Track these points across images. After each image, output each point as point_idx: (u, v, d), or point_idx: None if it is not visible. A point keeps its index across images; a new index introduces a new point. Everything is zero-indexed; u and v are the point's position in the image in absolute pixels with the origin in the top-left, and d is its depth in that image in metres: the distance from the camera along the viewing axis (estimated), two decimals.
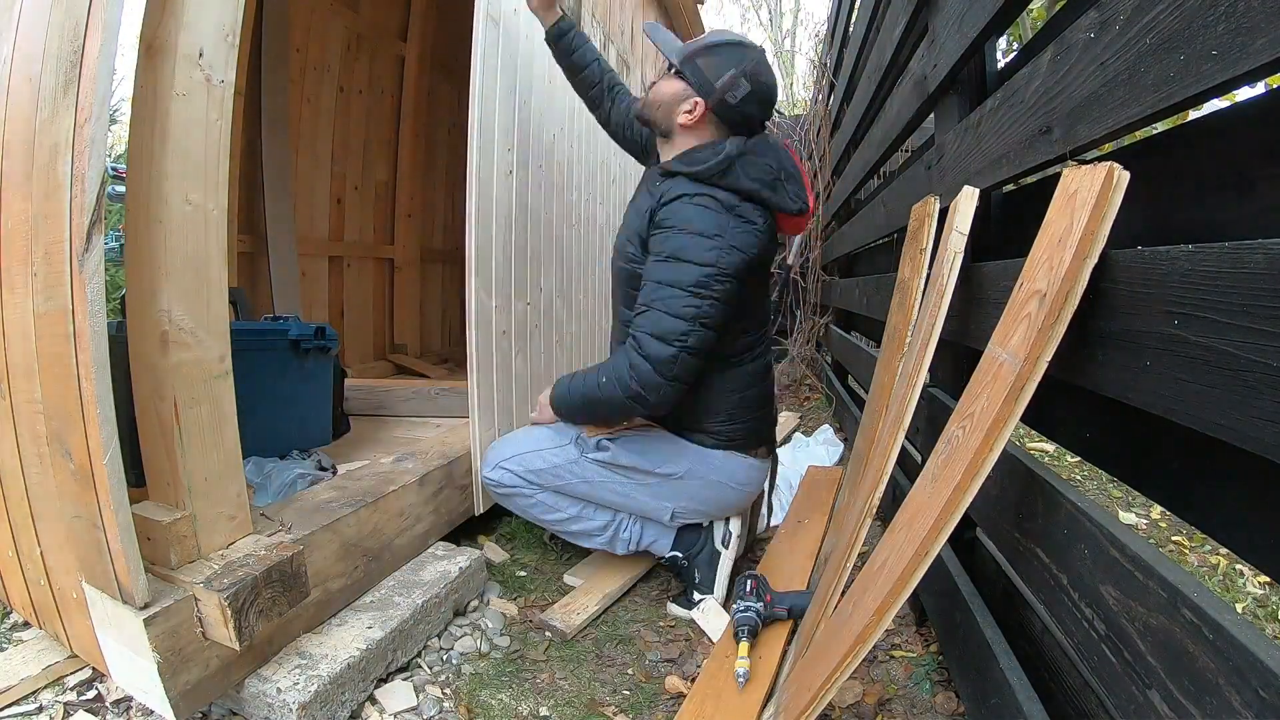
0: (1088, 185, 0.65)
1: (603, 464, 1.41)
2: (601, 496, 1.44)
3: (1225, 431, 0.50)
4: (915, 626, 1.32)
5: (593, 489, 1.43)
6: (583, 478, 1.42)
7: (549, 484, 1.43)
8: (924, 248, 1.19)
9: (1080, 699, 0.77)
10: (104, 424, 0.80)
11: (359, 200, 3.17)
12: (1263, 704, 0.42)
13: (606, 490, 1.43)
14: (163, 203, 0.88)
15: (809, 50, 7.04)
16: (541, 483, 1.43)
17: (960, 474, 0.69)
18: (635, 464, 1.41)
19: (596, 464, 1.42)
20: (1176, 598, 0.51)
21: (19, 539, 1.04)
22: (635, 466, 1.41)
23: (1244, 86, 0.53)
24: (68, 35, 0.80)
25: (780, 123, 4.74)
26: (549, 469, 1.42)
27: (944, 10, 1.25)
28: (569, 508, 1.45)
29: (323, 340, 1.59)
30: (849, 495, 1.41)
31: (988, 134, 1.02)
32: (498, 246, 1.63)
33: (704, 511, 1.46)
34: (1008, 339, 0.73)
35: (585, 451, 1.42)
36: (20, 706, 0.98)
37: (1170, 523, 2.09)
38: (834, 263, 3.51)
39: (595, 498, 1.45)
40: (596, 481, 1.42)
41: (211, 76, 0.91)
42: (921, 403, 1.25)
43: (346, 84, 3.00)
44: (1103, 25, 0.68)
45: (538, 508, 1.45)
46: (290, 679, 0.97)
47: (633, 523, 1.47)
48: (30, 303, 0.86)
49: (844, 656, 0.75)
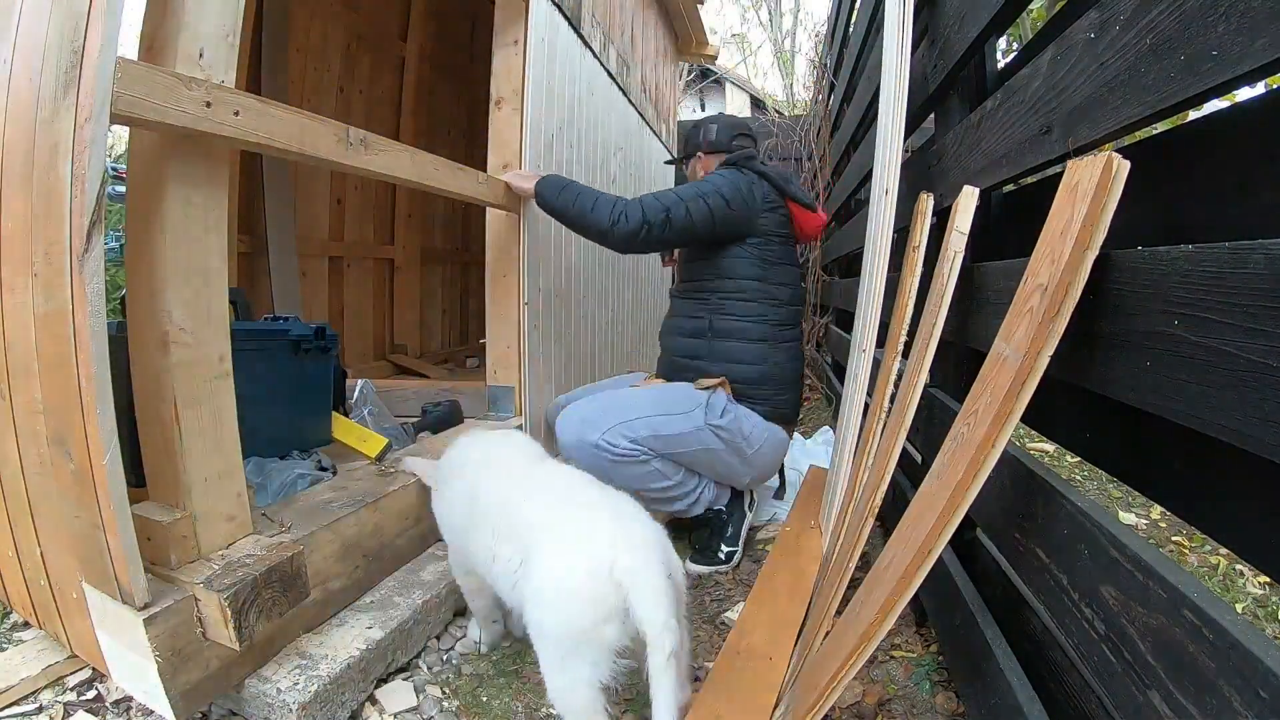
0: (1088, 176, 0.65)
1: (718, 430, 1.57)
2: (705, 464, 1.62)
3: (1225, 431, 0.50)
4: (915, 626, 1.32)
5: (709, 457, 1.60)
6: (704, 445, 1.58)
7: (665, 450, 1.54)
8: (917, 244, 1.19)
9: (1080, 699, 0.77)
10: (104, 424, 0.80)
11: (359, 200, 3.17)
12: (1263, 704, 0.42)
13: (713, 458, 1.60)
14: (163, 203, 0.88)
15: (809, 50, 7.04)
16: (661, 450, 1.53)
17: (963, 470, 0.69)
18: (747, 432, 1.61)
19: (714, 432, 1.57)
20: (1176, 598, 0.51)
21: (19, 539, 1.04)
22: (745, 434, 1.61)
23: (1244, 86, 0.53)
24: (68, 35, 0.80)
25: (780, 123, 4.74)
26: (675, 436, 1.54)
27: (944, 10, 1.25)
28: (675, 475, 1.59)
29: (322, 341, 1.59)
30: (851, 497, 1.40)
31: (988, 134, 1.02)
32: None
33: (757, 478, 1.75)
34: (1011, 335, 0.73)
35: (710, 417, 1.57)
36: (20, 706, 0.98)
37: (1170, 523, 2.09)
38: (834, 263, 3.51)
39: (699, 465, 1.62)
40: (712, 448, 1.58)
41: (212, 76, 0.91)
42: (921, 403, 1.25)
43: (346, 84, 3.00)
44: (1103, 25, 0.68)
45: (649, 476, 1.54)
46: (290, 679, 0.97)
47: (710, 487, 1.67)
48: (30, 303, 0.86)
49: (851, 653, 0.75)
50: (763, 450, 1.66)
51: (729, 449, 1.60)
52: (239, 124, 0.92)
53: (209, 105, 0.88)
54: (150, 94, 0.80)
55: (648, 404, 1.58)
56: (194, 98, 0.86)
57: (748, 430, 1.61)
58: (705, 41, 4.49)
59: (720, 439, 1.58)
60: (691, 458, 1.59)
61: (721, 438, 1.58)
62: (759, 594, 1.42)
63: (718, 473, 1.66)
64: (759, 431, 1.64)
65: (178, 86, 0.84)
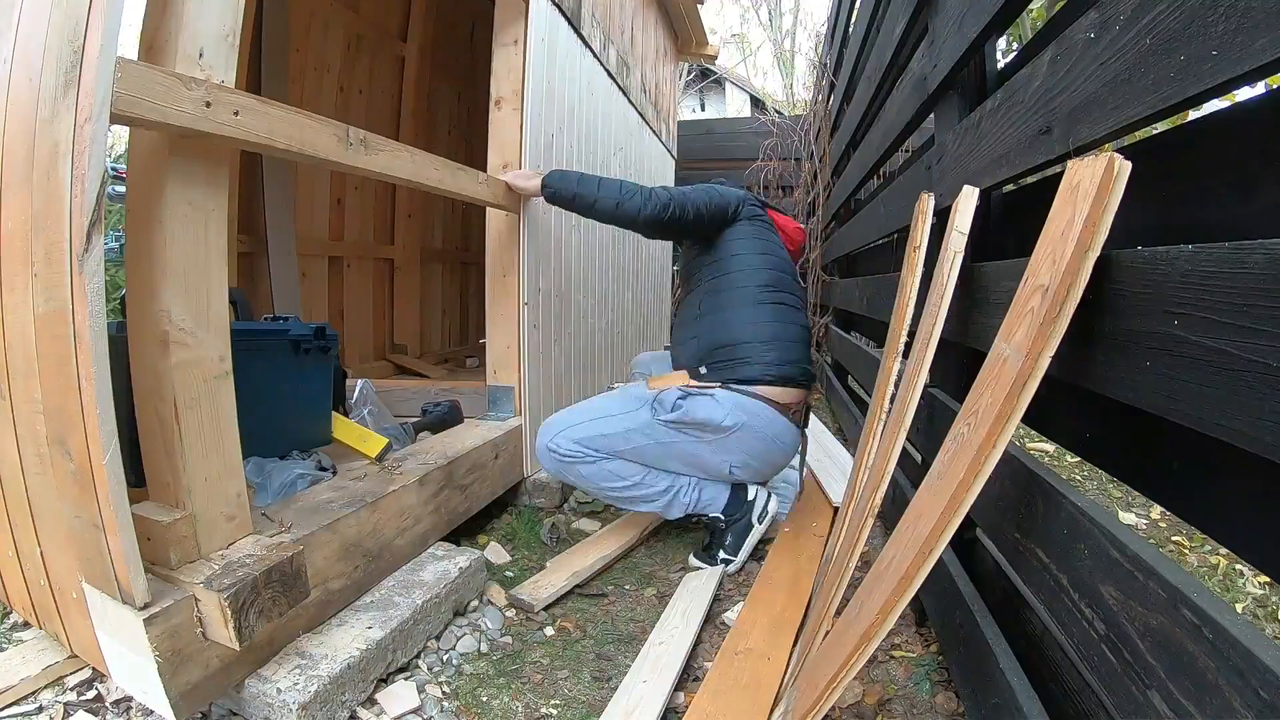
0: (1089, 177, 0.65)
1: (673, 424, 1.55)
2: (668, 460, 1.59)
3: (1225, 431, 0.50)
4: (915, 627, 1.32)
5: (664, 450, 1.57)
6: (655, 439, 1.56)
7: (615, 450, 1.55)
8: (918, 244, 1.19)
9: (1080, 699, 0.77)
10: (104, 424, 0.80)
11: (359, 200, 3.17)
12: (1263, 704, 0.42)
13: (675, 451, 1.58)
14: (162, 203, 0.88)
15: (809, 50, 7.04)
16: (609, 450, 1.54)
17: (964, 470, 0.69)
18: (704, 420, 1.54)
19: (667, 426, 1.55)
20: (1176, 598, 0.51)
21: (19, 539, 1.04)
22: (703, 423, 1.54)
23: (1244, 86, 0.53)
24: (67, 35, 0.80)
25: (780, 123, 4.74)
26: (619, 434, 1.55)
27: (944, 10, 1.25)
28: (632, 474, 1.58)
29: (322, 340, 1.59)
30: (851, 497, 1.41)
31: (988, 134, 1.02)
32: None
33: (755, 469, 1.65)
34: (1012, 335, 0.73)
35: (659, 414, 1.55)
36: (20, 706, 0.98)
37: (1170, 523, 2.09)
38: (834, 263, 3.51)
39: (662, 462, 1.59)
40: (667, 443, 1.56)
41: (212, 76, 0.90)
42: (921, 403, 1.25)
43: (346, 84, 3.00)
44: (1103, 25, 0.68)
45: (600, 475, 1.55)
46: (290, 679, 0.97)
47: (692, 488, 1.63)
48: (30, 303, 0.86)
49: (851, 653, 0.75)
50: (738, 435, 1.56)
51: (688, 438, 1.57)
52: (239, 124, 0.92)
53: (209, 105, 0.88)
54: (150, 94, 0.80)
55: (597, 407, 1.62)
56: (194, 98, 0.86)
57: (704, 416, 1.54)
58: (705, 41, 4.49)
59: (675, 430, 1.56)
60: (648, 454, 1.58)
61: (675, 429, 1.56)
62: (758, 594, 1.42)
63: (692, 465, 1.61)
64: (726, 414, 1.54)
65: (178, 86, 0.84)
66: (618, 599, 1.50)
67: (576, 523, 1.90)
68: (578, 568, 1.55)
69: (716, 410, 1.55)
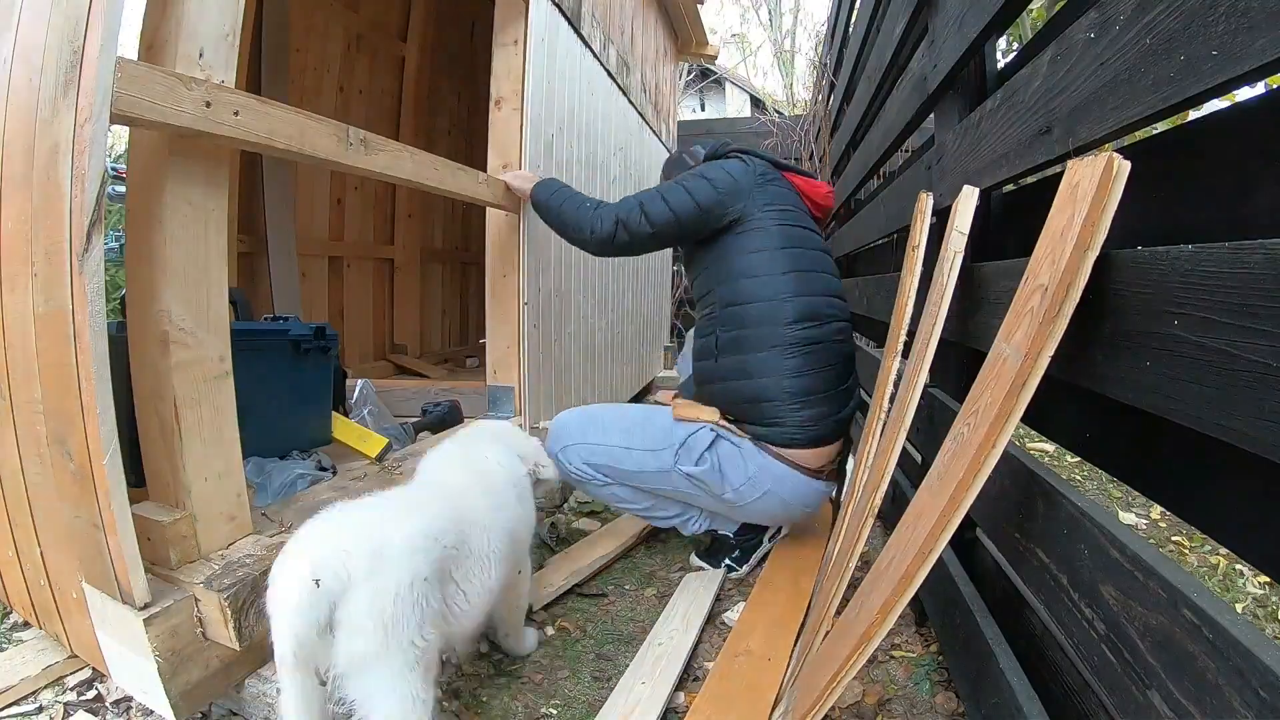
0: (1089, 177, 0.65)
1: (692, 479, 1.43)
2: (681, 499, 1.53)
3: (1225, 431, 0.50)
4: (915, 626, 1.32)
5: (679, 495, 1.51)
6: (672, 486, 1.48)
7: (627, 481, 1.50)
8: (917, 244, 1.19)
9: (1080, 699, 0.77)
10: (104, 424, 0.80)
11: (359, 200, 3.17)
12: (1263, 704, 0.42)
13: (690, 499, 1.52)
14: (162, 203, 0.88)
15: (809, 50, 7.04)
16: (621, 479, 1.50)
17: (964, 470, 0.69)
18: (725, 483, 1.42)
19: (689, 479, 1.44)
20: (1176, 598, 0.51)
21: (19, 539, 1.04)
22: (719, 485, 1.42)
23: (1244, 86, 0.53)
24: (67, 35, 0.80)
25: (780, 123, 4.74)
26: (635, 472, 1.47)
27: (944, 10, 1.25)
28: (643, 500, 1.54)
29: (322, 340, 1.58)
30: (850, 497, 1.41)
31: (988, 134, 1.02)
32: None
33: (772, 519, 1.58)
34: (1012, 335, 0.73)
35: (680, 463, 1.43)
36: (20, 706, 0.98)
37: (1170, 523, 2.09)
38: (834, 262, 3.50)
39: (676, 498, 1.53)
40: (684, 491, 1.49)
41: (211, 76, 0.91)
42: (921, 403, 1.25)
43: (346, 84, 3.00)
44: (1103, 25, 0.68)
45: (608, 495, 1.55)
46: None
47: (703, 515, 1.58)
48: (30, 303, 0.86)
49: (851, 653, 0.75)
50: (759, 502, 1.42)
51: (706, 494, 1.45)
52: (239, 124, 0.92)
53: (209, 105, 0.88)
54: (150, 94, 0.80)
55: (618, 431, 1.47)
56: (194, 98, 0.86)
57: (732, 478, 1.40)
58: (705, 41, 4.49)
59: (693, 484, 1.43)
60: (662, 492, 1.50)
61: (694, 484, 1.43)
62: (758, 595, 1.42)
63: (711, 510, 1.54)
64: (751, 480, 1.40)
65: (178, 86, 0.84)
66: (618, 599, 1.50)
67: (576, 522, 1.90)
68: (577, 567, 1.55)
69: (739, 474, 1.41)
